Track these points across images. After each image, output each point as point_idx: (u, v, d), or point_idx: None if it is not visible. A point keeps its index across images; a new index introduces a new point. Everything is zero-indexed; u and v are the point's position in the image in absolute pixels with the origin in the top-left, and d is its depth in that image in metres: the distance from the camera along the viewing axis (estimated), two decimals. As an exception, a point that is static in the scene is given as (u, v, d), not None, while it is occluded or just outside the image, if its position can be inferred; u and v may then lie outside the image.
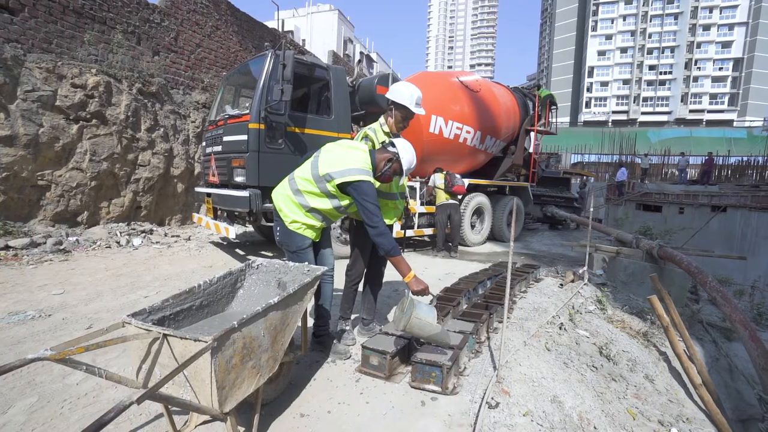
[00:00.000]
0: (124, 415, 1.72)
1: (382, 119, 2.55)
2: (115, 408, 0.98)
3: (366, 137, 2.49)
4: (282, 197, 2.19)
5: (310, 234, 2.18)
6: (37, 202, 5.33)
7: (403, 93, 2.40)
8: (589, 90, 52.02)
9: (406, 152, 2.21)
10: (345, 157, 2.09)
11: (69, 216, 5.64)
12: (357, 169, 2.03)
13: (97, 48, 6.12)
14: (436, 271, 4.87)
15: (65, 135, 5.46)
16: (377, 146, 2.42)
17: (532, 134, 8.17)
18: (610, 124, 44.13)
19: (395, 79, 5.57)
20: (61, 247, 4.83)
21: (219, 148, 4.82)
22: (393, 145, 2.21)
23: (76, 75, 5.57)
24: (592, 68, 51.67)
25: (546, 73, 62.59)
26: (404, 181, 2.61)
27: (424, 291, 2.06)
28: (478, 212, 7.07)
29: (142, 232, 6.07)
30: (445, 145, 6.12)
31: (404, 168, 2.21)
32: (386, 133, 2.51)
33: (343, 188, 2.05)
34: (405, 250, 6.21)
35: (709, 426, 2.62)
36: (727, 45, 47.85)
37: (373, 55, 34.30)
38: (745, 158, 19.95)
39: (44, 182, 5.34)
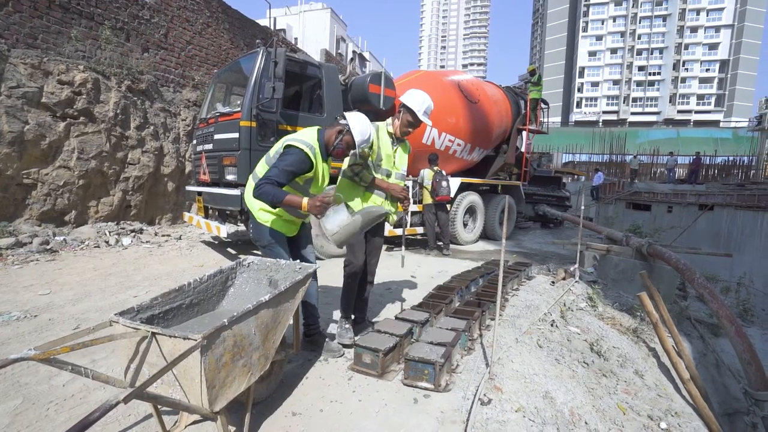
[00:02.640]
0: (113, 416, 1.70)
1: (389, 119, 2.51)
2: (101, 407, 0.96)
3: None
4: (249, 192, 2.19)
5: (280, 227, 2.17)
6: (23, 201, 5.22)
7: (415, 98, 2.38)
8: (580, 90, 52.59)
9: (357, 122, 2.13)
10: (293, 134, 2.16)
11: (56, 215, 5.53)
12: (297, 138, 2.06)
13: (84, 44, 6.00)
14: (428, 269, 4.88)
15: (52, 132, 5.35)
16: (375, 142, 2.38)
17: (524, 133, 8.22)
18: (600, 124, 44.67)
19: (387, 78, 5.56)
20: (48, 247, 4.73)
21: (210, 146, 4.77)
22: (344, 117, 2.19)
23: (63, 71, 5.46)
24: (582, 68, 52.24)
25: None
26: (396, 180, 2.53)
27: (322, 205, 1.94)
28: (471, 211, 7.10)
29: (132, 231, 5.98)
30: (429, 150, 6.18)
31: (356, 140, 2.14)
32: (389, 133, 2.48)
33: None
34: (396, 249, 6.22)
35: (696, 420, 2.67)
36: (713, 47, 48.79)
37: (366, 54, 34.20)
38: (731, 158, 20.37)
39: (30, 180, 5.23)
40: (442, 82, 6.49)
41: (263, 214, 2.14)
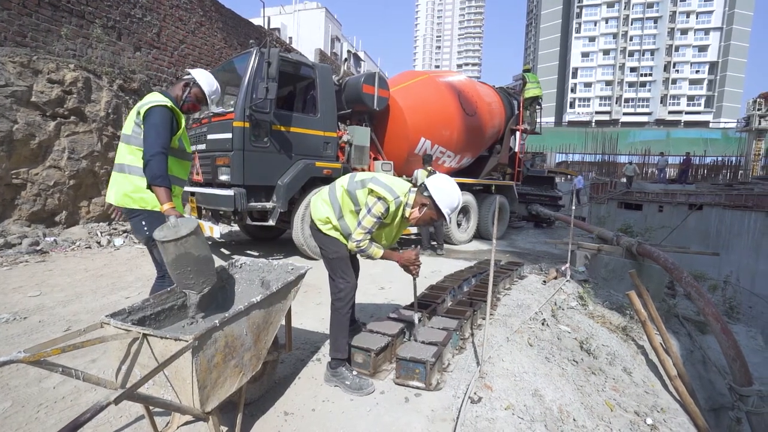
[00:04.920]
0: (104, 418, 1.70)
1: (410, 198, 2.02)
2: (92, 409, 0.97)
3: (381, 199, 1.90)
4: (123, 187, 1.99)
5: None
6: (12, 202, 5.15)
7: (449, 199, 1.97)
8: (573, 90, 53.09)
9: (203, 75, 2.13)
10: (140, 104, 1.99)
11: (46, 216, 5.47)
12: (150, 101, 1.92)
13: (75, 43, 5.94)
14: (422, 269, 4.85)
15: (42, 132, 5.29)
16: (388, 219, 2.02)
17: (518, 134, 8.29)
18: (593, 124, 45.12)
19: (381, 79, 5.58)
20: (38, 248, 4.68)
21: (203, 147, 4.75)
22: (188, 74, 2.15)
23: (53, 70, 5.39)
24: (576, 69, 52.74)
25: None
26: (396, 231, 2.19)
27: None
28: (464, 211, 7.15)
29: (124, 231, 5.93)
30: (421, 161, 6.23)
31: (206, 90, 2.12)
32: (404, 218, 2.06)
33: (144, 123, 1.91)
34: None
35: (682, 415, 2.73)
36: (703, 49, 49.57)
37: (361, 54, 34.20)
38: (719, 158, 20.69)
39: (19, 181, 5.17)
40: (443, 90, 6.36)
41: (132, 194, 1.94)
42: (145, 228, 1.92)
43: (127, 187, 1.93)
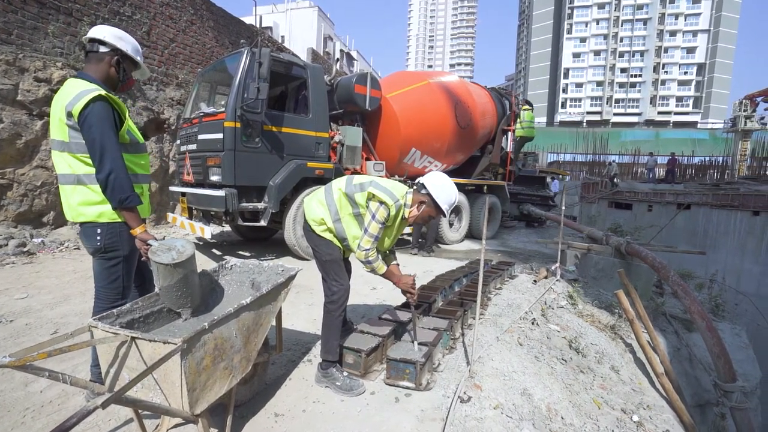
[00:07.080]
0: (92, 422, 1.68)
1: (408, 199, 2.02)
2: (78, 413, 0.97)
3: (383, 204, 1.91)
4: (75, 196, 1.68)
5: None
6: (-2, 202, 5.06)
7: (448, 196, 1.99)
8: (564, 91, 53.61)
9: (119, 39, 1.73)
10: (62, 100, 1.60)
11: (33, 216, 5.38)
12: (78, 95, 1.55)
13: (62, 40, 5.84)
14: (414, 269, 4.92)
15: (28, 131, 5.20)
16: (390, 218, 1.98)
17: (509, 134, 8.36)
18: (584, 124, 45.61)
19: (373, 79, 5.58)
20: (25, 249, 4.61)
21: (194, 147, 4.71)
22: (103, 43, 1.71)
23: (40, 68, 5.31)
24: (567, 70, 53.26)
25: (524, 74, 64.11)
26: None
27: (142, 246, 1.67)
28: (456, 210, 7.19)
29: (113, 232, 5.85)
30: (408, 168, 6.31)
31: (137, 58, 1.80)
32: (403, 218, 2.05)
33: (82, 127, 1.57)
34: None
35: (668, 412, 2.78)
36: (691, 50, 50.45)
37: (354, 53, 34.16)
38: (707, 158, 21.05)
39: (5, 181, 5.07)
40: (440, 102, 6.27)
41: (88, 207, 1.65)
42: (98, 239, 1.66)
43: (94, 198, 1.65)
